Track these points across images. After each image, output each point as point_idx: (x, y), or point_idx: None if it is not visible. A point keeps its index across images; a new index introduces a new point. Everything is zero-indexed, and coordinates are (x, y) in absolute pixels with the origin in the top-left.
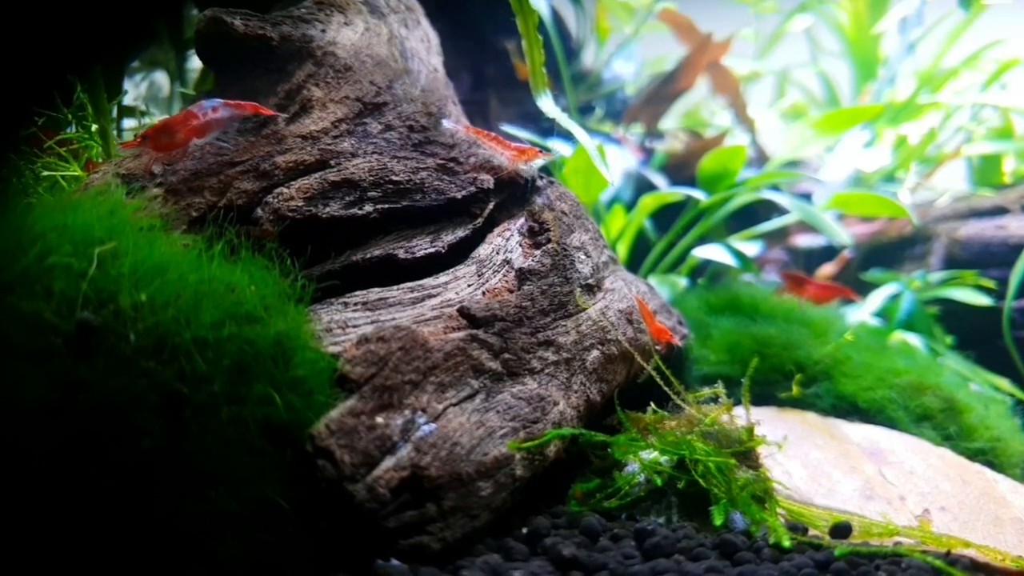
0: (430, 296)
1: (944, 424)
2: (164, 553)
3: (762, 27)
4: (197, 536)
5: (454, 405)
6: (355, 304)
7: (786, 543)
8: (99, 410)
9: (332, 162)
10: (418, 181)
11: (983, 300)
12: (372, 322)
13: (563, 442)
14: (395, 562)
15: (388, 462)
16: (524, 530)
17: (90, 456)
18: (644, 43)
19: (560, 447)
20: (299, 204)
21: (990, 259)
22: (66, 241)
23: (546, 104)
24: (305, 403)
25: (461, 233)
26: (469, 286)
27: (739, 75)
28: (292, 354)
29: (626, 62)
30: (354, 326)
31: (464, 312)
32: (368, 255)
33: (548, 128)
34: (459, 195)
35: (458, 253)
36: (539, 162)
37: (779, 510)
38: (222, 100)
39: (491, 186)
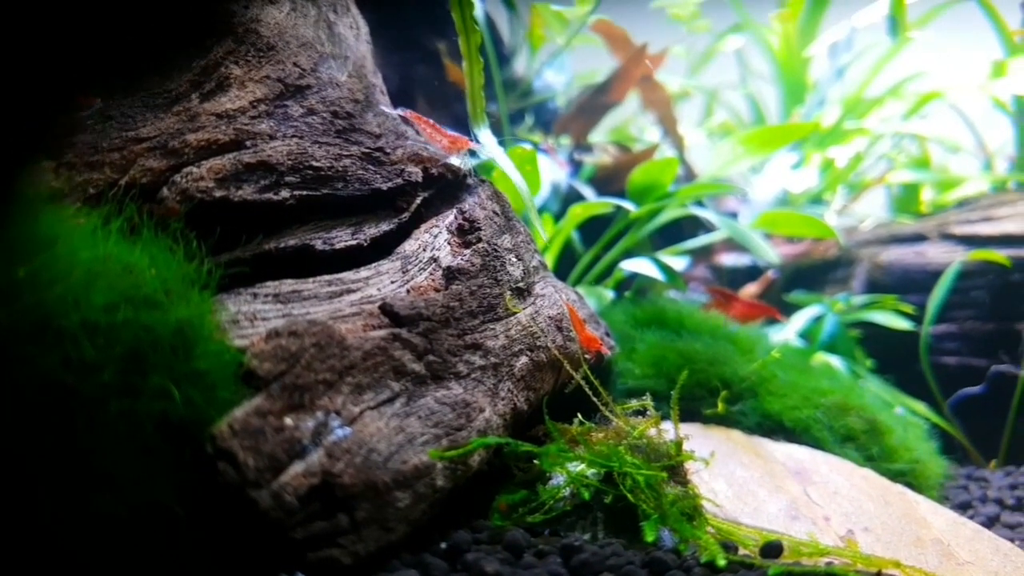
0: (349, 291)
1: (867, 445)
2: (37, 564)
3: (694, 45)
4: (78, 545)
5: (372, 408)
6: (266, 295)
7: (721, 562)
8: None
9: (248, 143)
10: (340, 169)
11: (903, 324)
12: (284, 315)
13: (487, 452)
14: None
15: (297, 467)
16: (443, 545)
17: None
18: (576, 56)
19: (484, 457)
20: (209, 185)
21: (910, 284)
22: None
23: (485, 136)
24: (207, 399)
25: (385, 227)
26: (392, 283)
27: (670, 92)
28: (194, 344)
29: (557, 73)
30: (264, 319)
31: (386, 309)
32: (282, 244)
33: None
34: (385, 187)
35: (381, 248)
36: (473, 160)
37: (708, 528)
38: None
39: (419, 179)
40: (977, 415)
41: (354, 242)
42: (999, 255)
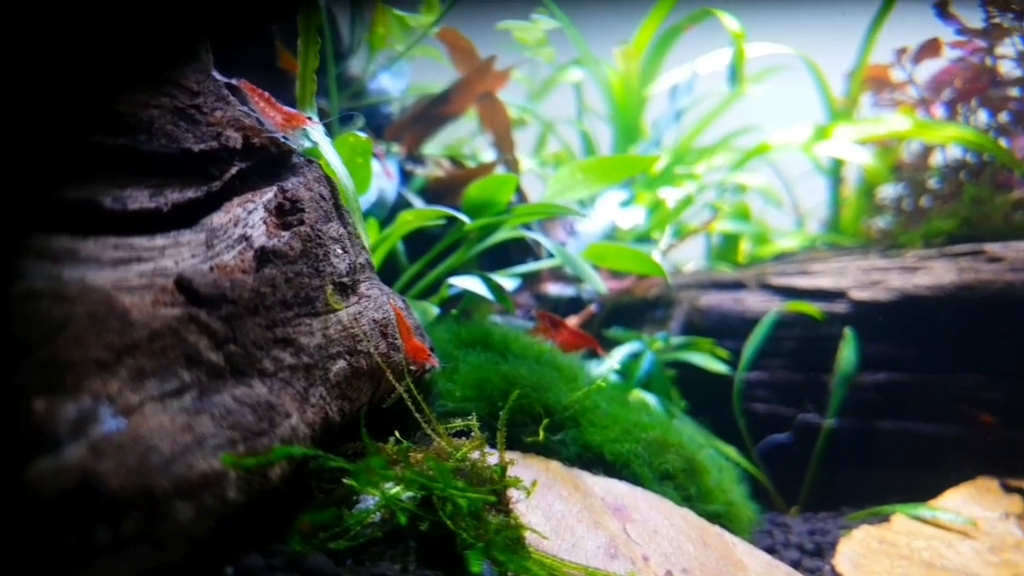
0: (140, 260)
1: (685, 484)
2: None
3: (536, 72)
4: None
5: (156, 400)
6: (31, 251)
7: None
8: None
9: None
10: (145, 119)
11: (720, 367)
12: (51, 277)
13: (291, 465)
14: None
15: (45, 464)
16: (230, 570)
17: None
18: (416, 67)
19: (286, 471)
20: None
21: (727, 330)
22: None
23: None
24: None
25: (191, 194)
26: (193, 257)
27: (510, 114)
28: None
29: (394, 78)
30: (23, 277)
31: (183, 284)
32: (61, 195)
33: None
34: (196, 148)
35: (184, 219)
36: (304, 143)
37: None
38: None
39: (238, 146)
40: (782, 462)
41: (152, 205)
42: (813, 308)
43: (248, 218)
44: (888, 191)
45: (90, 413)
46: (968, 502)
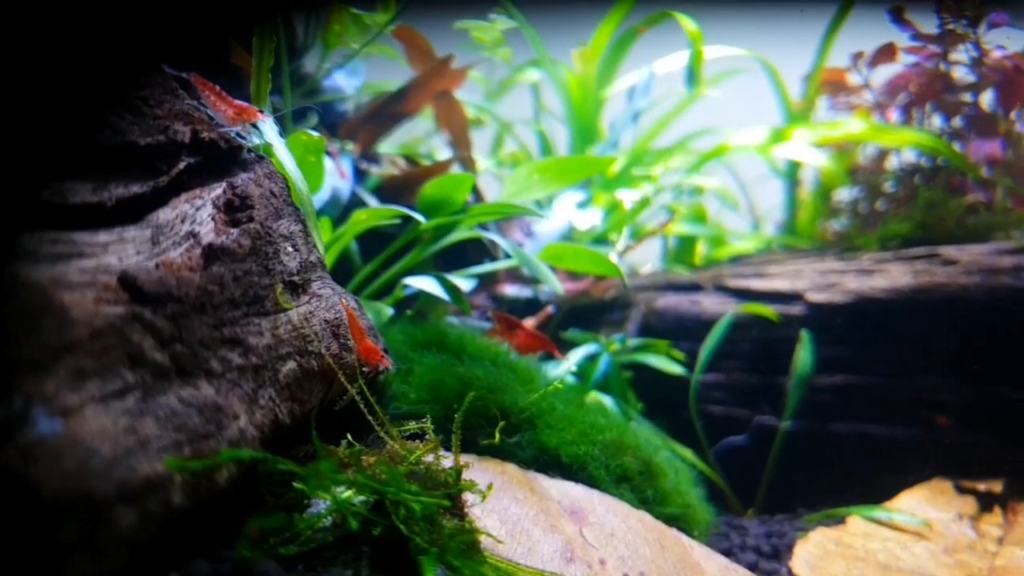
0: (81, 255)
1: (642, 487)
2: None
3: (493, 73)
4: None
5: (97, 401)
6: None
7: None
8: None
9: None
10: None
11: (676, 369)
12: None
13: (239, 468)
14: None
15: None
16: None
17: None
18: (372, 66)
19: (235, 474)
20: None
21: (683, 332)
22: None
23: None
24: None
25: (137, 189)
26: (138, 253)
27: (467, 114)
28: None
29: (349, 76)
30: None
31: (127, 281)
32: None
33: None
34: (142, 141)
35: (129, 214)
36: (255, 139)
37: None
38: None
39: (187, 140)
40: (739, 464)
41: (95, 199)
42: (769, 310)
43: (196, 215)
44: (844, 194)
45: (21, 415)
46: (923, 503)
